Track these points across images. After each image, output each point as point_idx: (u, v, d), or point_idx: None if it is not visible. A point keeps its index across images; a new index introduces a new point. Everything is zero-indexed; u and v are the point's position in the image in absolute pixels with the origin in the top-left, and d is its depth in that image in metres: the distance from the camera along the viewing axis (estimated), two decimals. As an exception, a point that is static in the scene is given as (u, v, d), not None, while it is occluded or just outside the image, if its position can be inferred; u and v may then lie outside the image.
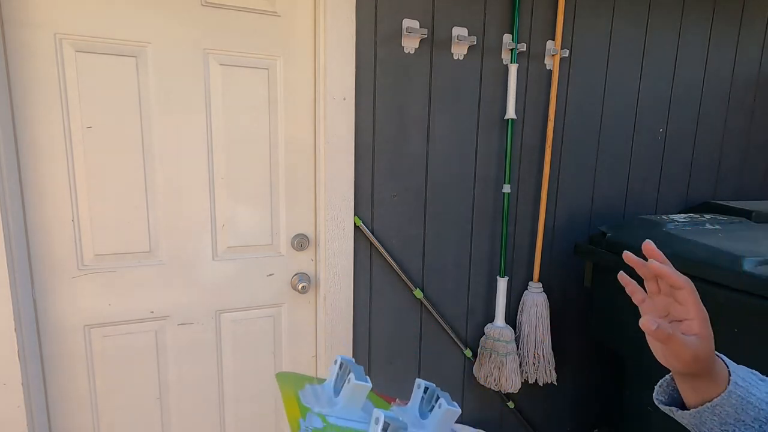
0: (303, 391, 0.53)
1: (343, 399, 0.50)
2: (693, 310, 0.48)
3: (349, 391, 0.49)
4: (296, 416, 0.47)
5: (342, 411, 0.50)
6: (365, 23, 1.43)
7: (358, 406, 0.51)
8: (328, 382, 0.54)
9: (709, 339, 0.48)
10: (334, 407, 0.51)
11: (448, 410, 0.50)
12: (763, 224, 1.66)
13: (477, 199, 1.68)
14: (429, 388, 0.54)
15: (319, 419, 0.48)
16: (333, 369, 0.53)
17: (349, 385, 0.49)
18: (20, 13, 1.15)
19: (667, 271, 0.50)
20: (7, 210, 1.17)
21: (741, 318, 1.24)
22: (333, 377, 0.54)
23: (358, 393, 0.50)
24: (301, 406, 0.50)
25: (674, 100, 1.95)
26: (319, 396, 0.53)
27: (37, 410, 1.28)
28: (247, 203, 1.45)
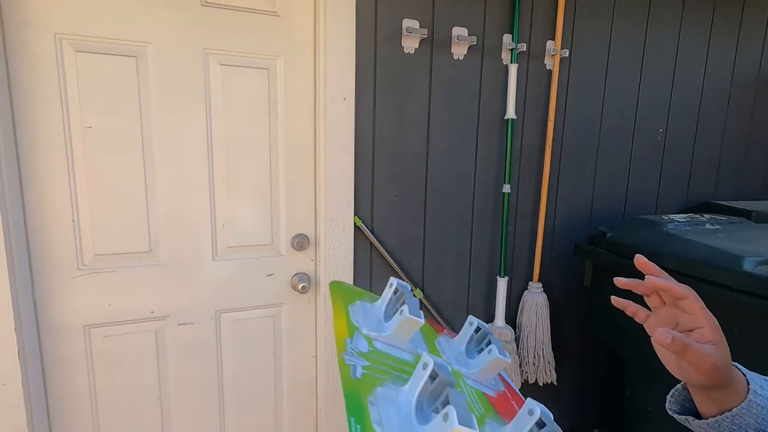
0: (353, 306, 0.52)
1: (393, 327, 0.49)
2: (702, 317, 0.47)
3: (400, 322, 0.49)
4: (344, 335, 0.46)
5: (389, 338, 0.50)
6: (365, 23, 1.43)
7: (406, 338, 0.50)
8: (380, 304, 0.53)
9: (724, 345, 0.46)
10: (382, 332, 0.50)
11: (497, 359, 0.49)
12: (763, 224, 1.66)
13: (477, 199, 1.68)
14: (482, 328, 0.53)
15: (366, 342, 0.48)
16: (387, 292, 0.52)
17: (402, 317, 0.48)
18: (20, 13, 1.15)
19: (667, 284, 0.48)
20: (7, 210, 1.17)
21: (741, 318, 1.24)
22: (386, 300, 0.53)
23: (409, 327, 0.49)
24: (350, 324, 0.49)
25: (674, 100, 1.95)
26: (368, 315, 0.52)
27: (37, 410, 1.28)
28: (247, 203, 1.45)
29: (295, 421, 1.64)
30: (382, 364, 0.45)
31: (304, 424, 1.66)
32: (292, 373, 1.60)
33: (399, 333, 0.49)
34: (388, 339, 0.50)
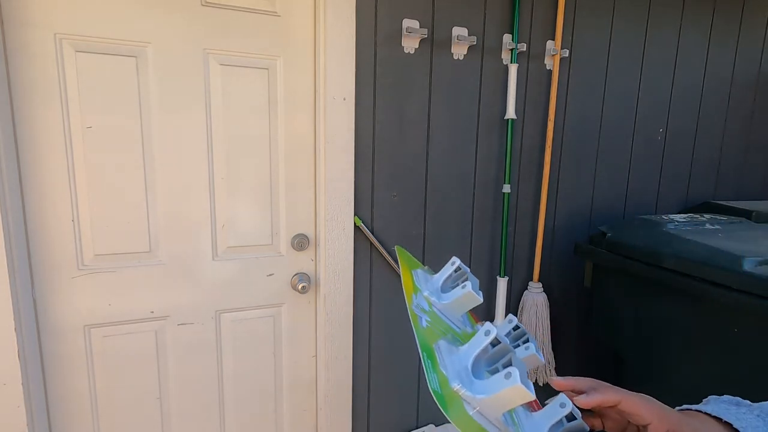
0: (416, 272, 0.55)
1: (452, 299, 0.52)
2: (645, 413, 0.47)
3: (461, 295, 0.51)
4: (411, 291, 0.49)
5: (445, 308, 0.52)
6: (365, 23, 1.43)
7: (460, 312, 0.53)
8: (438, 276, 0.55)
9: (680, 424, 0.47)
10: (441, 301, 0.52)
11: (469, 293, 0.52)
12: (763, 224, 1.66)
13: (477, 199, 1.68)
14: (461, 268, 0.56)
15: (426, 302, 0.50)
16: (447, 268, 0.55)
17: (464, 290, 0.50)
18: (20, 13, 1.15)
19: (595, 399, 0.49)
20: (7, 210, 1.17)
21: (741, 318, 1.24)
22: (445, 275, 0.55)
23: (468, 301, 0.51)
24: (414, 285, 0.51)
25: (674, 100, 1.95)
26: (428, 284, 0.54)
27: (37, 410, 1.28)
28: (247, 203, 1.45)
29: (295, 421, 1.64)
30: (438, 325, 0.48)
31: (304, 424, 1.66)
32: (292, 373, 1.60)
33: (457, 305, 0.52)
34: (444, 307, 0.52)
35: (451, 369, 0.41)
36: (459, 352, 0.43)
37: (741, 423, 0.47)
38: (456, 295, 0.52)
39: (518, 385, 0.37)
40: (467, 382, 0.40)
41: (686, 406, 0.51)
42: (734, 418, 0.48)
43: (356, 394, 1.64)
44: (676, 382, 1.41)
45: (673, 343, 1.43)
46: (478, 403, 0.39)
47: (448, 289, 0.54)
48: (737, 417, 0.48)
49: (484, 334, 0.42)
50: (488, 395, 0.39)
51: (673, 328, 1.43)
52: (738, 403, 0.51)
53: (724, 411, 0.49)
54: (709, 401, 0.52)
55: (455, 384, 0.40)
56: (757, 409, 0.50)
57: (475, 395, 0.39)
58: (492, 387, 0.39)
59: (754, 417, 0.48)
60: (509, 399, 0.39)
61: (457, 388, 0.39)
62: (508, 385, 0.38)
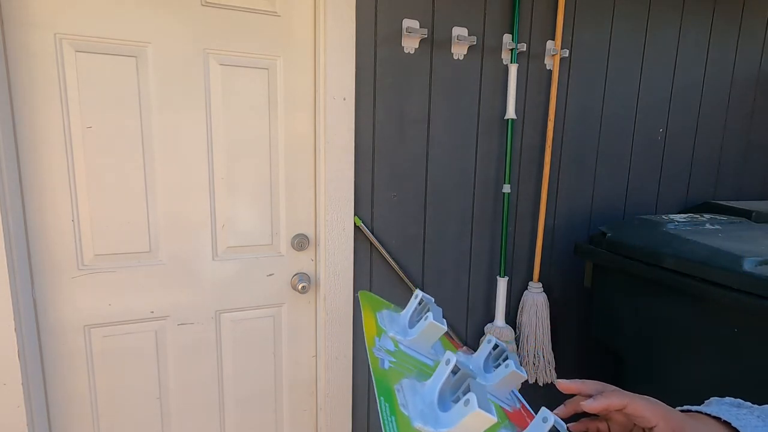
0: (381, 314, 0.55)
1: (417, 333, 0.52)
2: (651, 416, 0.47)
3: (424, 327, 0.51)
4: (373, 334, 0.49)
5: (413, 343, 0.52)
6: (365, 23, 1.43)
7: (429, 344, 0.53)
8: (405, 313, 0.56)
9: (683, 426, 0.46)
10: (407, 337, 0.52)
11: (514, 372, 0.52)
12: (763, 224, 1.66)
13: (477, 199, 1.68)
14: (499, 345, 0.56)
15: (392, 343, 0.50)
16: (412, 302, 0.55)
17: (426, 322, 0.50)
18: (20, 13, 1.15)
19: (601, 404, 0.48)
20: (7, 210, 1.17)
21: (741, 318, 1.24)
22: (411, 310, 0.55)
23: (433, 332, 0.51)
24: (377, 326, 0.52)
25: (674, 100, 1.95)
26: (394, 322, 0.55)
27: (37, 410, 1.28)
28: (247, 203, 1.45)
29: (295, 421, 1.64)
30: (406, 363, 0.48)
31: (304, 424, 1.66)
32: (292, 373, 1.60)
33: (423, 337, 0.52)
34: (412, 343, 0.52)
35: (413, 408, 0.40)
36: (424, 388, 0.43)
37: (740, 422, 0.47)
38: (420, 329, 0.53)
39: (477, 411, 0.37)
40: (431, 417, 0.40)
41: (687, 407, 0.51)
42: (734, 418, 0.48)
43: (356, 394, 1.64)
44: (676, 382, 1.41)
45: (673, 343, 1.43)
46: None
47: (415, 323, 0.54)
48: (738, 417, 0.48)
49: (445, 364, 0.42)
50: (452, 427, 0.38)
51: (673, 328, 1.43)
52: (739, 405, 0.51)
53: (725, 412, 0.49)
54: (711, 402, 0.52)
55: (417, 423, 0.39)
56: (758, 411, 0.50)
57: (439, 430, 0.38)
58: (454, 417, 0.39)
59: (754, 418, 0.48)
60: (473, 426, 0.38)
61: (419, 426, 0.39)
62: (468, 412, 0.37)
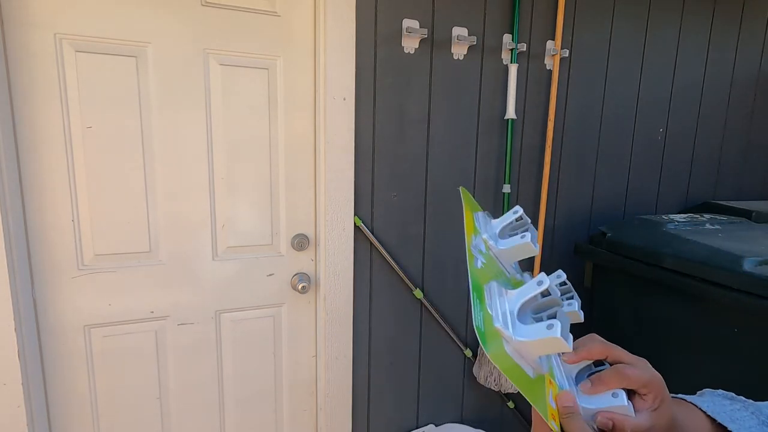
0: (477, 215, 0.56)
1: (510, 246, 0.53)
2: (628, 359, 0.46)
3: (520, 243, 0.52)
4: (471, 231, 0.51)
5: (501, 253, 0.54)
6: (365, 23, 1.43)
7: (514, 259, 0.54)
8: (498, 223, 0.57)
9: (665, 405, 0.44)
10: (497, 246, 0.54)
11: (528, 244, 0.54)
12: (763, 224, 1.66)
13: (477, 199, 1.68)
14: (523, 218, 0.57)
15: (483, 244, 0.52)
16: (509, 216, 0.56)
17: (524, 240, 0.52)
18: (20, 13, 1.15)
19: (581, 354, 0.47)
20: (7, 210, 1.17)
21: (741, 318, 1.24)
22: (505, 222, 0.56)
23: (525, 251, 0.53)
24: (474, 226, 0.53)
25: (674, 100, 1.95)
26: (487, 227, 0.56)
27: (37, 410, 1.28)
28: (247, 203, 1.45)
29: (295, 421, 1.64)
30: (493, 268, 0.50)
31: (304, 424, 1.66)
32: (292, 373, 1.60)
33: (513, 252, 0.54)
34: (501, 253, 0.54)
35: (496, 310, 0.43)
36: (508, 296, 0.45)
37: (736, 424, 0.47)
38: (514, 243, 0.54)
39: (557, 338, 0.40)
40: (510, 323, 0.43)
41: (681, 396, 0.51)
42: (729, 420, 0.47)
43: (356, 394, 1.64)
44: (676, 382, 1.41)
45: (673, 343, 1.43)
46: (515, 344, 0.42)
47: (506, 236, 0.56)
48: (732, 419, 0.47)
49: (536, 284, 0.44)
50: (527, 339, 0.42)
51: (673, 328, 1.43)
52: (732, 399, 0.51)
53: (718, 406, 0.48)
54: (704, 393, 0.52)
55: (498, 323, 0.42)
56: (752, 407, 0.49)
57: (515, 336, 0.42)
58: (532, 333, 0.42)
59: (748, 414, 0.48)
60: (546, 347, 0.41)
61: (499, 327, 0.42)
62: (548, 335, 0.40)
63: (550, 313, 0.44)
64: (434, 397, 1.77)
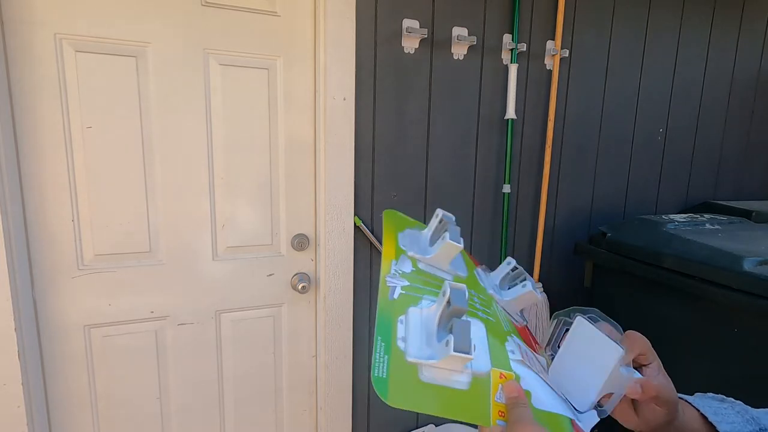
0: (402, 234, 0.58)
1: (435, 251, 0.55)
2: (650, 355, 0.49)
3: (442, 246, 0.54)
4: (391, 258, 0.52)
5: (432, 260, 0.55)
6: (365, 23, 1.43)
7: (447, 261, 0.56)
8: (426, 231, 0.58)
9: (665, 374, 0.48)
10: (426, 255, 0.55)
11: (530, 292, 0.58)
12: (763, 224, 1.66)
13: (477, 199, 1.68)
14: (518, 268, 0.61)
15: (410, 263, 0.53)
16: (433, 221, 0.58)
17: (444, 241, 0.53)
18: (20, 13, 1.15)
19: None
20: (7, 210, 1.17)
21: (741, 318, 1.24)
22: (432, 228, 0.58)
23: (450, 250, 0.54)
24: (397, 248, 0.54)
25: (674, 100, 1.95)
26: (416, 241, 0.57)
27: (37, 410, 1.28)
28: (247, 203, 1.45)
29: (295, 421, 1.64)
30: (422, 282, 0.50)
31: (304, 424, 1.66)
32: (292, 373, 1.60)
33: (441, 256, 0.55)
34: (430, 261, 0.55)
35: (413, 340, 0.41)
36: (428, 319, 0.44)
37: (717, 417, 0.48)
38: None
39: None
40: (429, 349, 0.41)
41: None
42: (712, 413, 0.48)
43: (356, 394, 1.64)
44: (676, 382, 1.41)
45: (672, 343, 1.43)
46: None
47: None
48: (716, 412, 0.48)
49: (442, 295, 0.44)
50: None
51: (673, 328, 1.43)
52: (722, 400, 0.51)
53: (706, 405, 0.50)
54: (696, 396, 0.53)
55: (412, 358, 0.40)
56: (739, 407, 0.50)
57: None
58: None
59: (734, 413, 0.49)
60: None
61: (412, 360, 0.39)
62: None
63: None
64: (434, 397, 1.77)
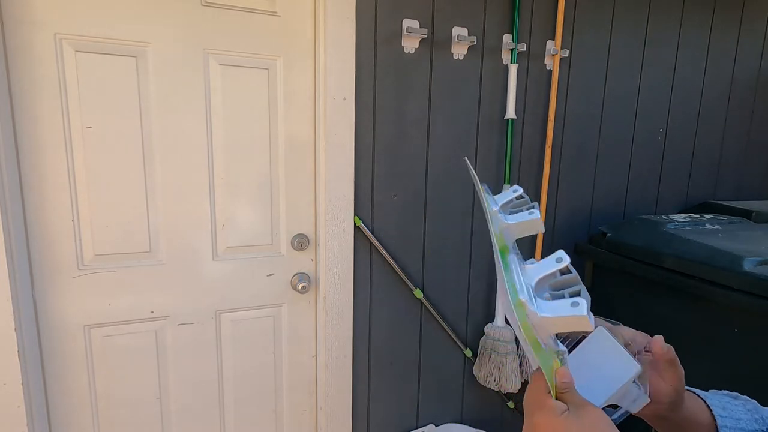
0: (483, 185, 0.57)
1: (515, 220, 0.53)
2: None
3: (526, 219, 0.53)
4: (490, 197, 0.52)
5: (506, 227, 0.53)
6: (365, 23, 1.43)
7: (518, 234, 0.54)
8: (499, 198, 0.57)
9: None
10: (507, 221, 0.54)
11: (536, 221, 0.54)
12: (763, 224, 1.66)
13: (477, 199, 1.68)
14: (524, 197, 0.58)
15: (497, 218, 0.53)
16: (508, 193, 0.56)
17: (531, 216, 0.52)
18: (20, 13, 1.15)
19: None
20: (7, 210, 1.17)
21: (741, 318, 1.24)
22: (506, 198, 0.56)
23: (530, 227, 0.53)
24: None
25: (674, 100, 1.95)
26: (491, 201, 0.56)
27: (37, 410, 1.28)
28: (247, 203, 1.45)
29: (295, 421, 1.64)
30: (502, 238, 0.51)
31: (304, 424, 1.66)
32: (292, 373, 1.60)
33: (520, 228, 0.53)
34: (507, 228, 0.54)
35: (519, 282, 0.43)
36: (525, 269, 0.45)
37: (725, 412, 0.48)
38: (522, 218, 0.54)
39: (583, 316, 0.39)
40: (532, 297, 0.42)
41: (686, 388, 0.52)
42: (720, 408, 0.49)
43: (356, 394, 1.64)
44: (676, 382, 1.41)
45: (672, 343, 1.43)
46: (537, 320, 0.41)
47: (508, 212, 0.56)
48: (724, 407, 0.49)
49: (555, 261, 0.44)
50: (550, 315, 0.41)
51: (673, 328, 1.43)
52: (736, 397, 0.51)
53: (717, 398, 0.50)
54: (710, 392, 0.53)
55: (522, 296, 0.41)
56: (750, 404, 0.50)
57: (539, 312, 0.41)
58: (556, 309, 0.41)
59: (743, 410, 0.49)
60: (568, 324, 0.41)
61: (523, 299, 0.41)
62: (573, 312, 0.40)
63: (573, 291, 0.43)
64: (434, 397, 1.77)
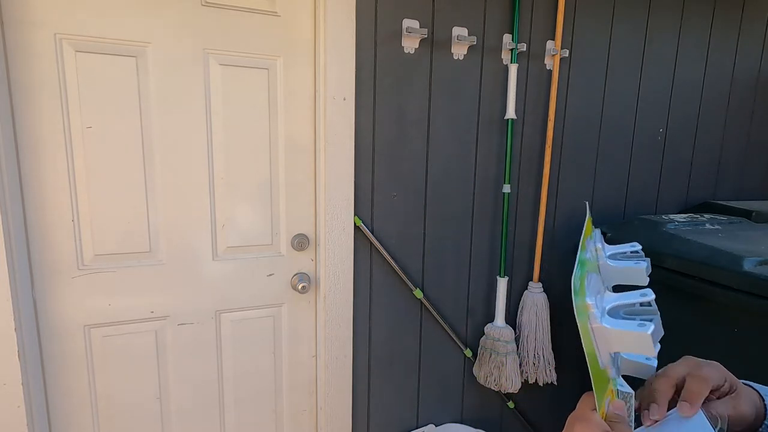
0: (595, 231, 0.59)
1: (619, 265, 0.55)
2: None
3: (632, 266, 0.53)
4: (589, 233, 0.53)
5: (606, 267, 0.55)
6: (365, 23, 1.43)
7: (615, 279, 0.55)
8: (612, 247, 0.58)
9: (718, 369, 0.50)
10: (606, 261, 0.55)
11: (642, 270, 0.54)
12: (763, 224, 1.66)
13: (477, 199, 1.68)
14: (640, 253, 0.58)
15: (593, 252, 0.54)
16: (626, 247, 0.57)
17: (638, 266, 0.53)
18: (20, 13, 1.15)
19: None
20: (7, 210, 1.17)
21: (741, 318, 1.24)
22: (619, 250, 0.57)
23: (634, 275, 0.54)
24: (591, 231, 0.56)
25: (674, 100, 1.95)
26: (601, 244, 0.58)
27: (37, 410, 1.28)
28: (247, 203, 1.45)
29: (295, 421, 1.64)
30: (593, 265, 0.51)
31: (304, 424, 1.66)
32: (292, 373, 1.60)
33: (622, 273, 0.55)
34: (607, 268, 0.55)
35: (590, 291, 0.44)
36: (606, 294, 0.46)
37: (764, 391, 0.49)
38: (627, 265, 0.55)
39: (647, 334, 0.39)
40: (599, 308, 0.43)
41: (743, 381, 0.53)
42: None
43: (356, 394, 1.64)
44: (676, 382, 1.41)
45: (672, 343, 1.43)
46: (599, 328, 0.41)
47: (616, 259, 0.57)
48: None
49: (639, 295, 0.44)
50: (613, 327, 0.41)
51: (673, 328, 1.43)
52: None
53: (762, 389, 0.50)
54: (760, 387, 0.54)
55: (590, 300, 0.42)
56: None
57: (602, 322, 0.41)
58: (622, 324, 0.41)
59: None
60: (631, 342, 0.40)
61: (590, 302, 0.42)
62: (638, 330, 0.40)
63: (646, 317, 0.43)
64: (434, 396, 1.77)
